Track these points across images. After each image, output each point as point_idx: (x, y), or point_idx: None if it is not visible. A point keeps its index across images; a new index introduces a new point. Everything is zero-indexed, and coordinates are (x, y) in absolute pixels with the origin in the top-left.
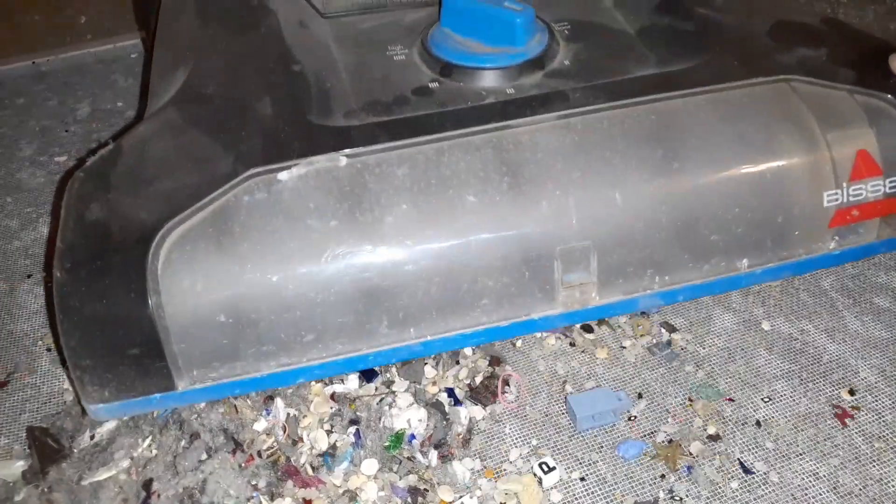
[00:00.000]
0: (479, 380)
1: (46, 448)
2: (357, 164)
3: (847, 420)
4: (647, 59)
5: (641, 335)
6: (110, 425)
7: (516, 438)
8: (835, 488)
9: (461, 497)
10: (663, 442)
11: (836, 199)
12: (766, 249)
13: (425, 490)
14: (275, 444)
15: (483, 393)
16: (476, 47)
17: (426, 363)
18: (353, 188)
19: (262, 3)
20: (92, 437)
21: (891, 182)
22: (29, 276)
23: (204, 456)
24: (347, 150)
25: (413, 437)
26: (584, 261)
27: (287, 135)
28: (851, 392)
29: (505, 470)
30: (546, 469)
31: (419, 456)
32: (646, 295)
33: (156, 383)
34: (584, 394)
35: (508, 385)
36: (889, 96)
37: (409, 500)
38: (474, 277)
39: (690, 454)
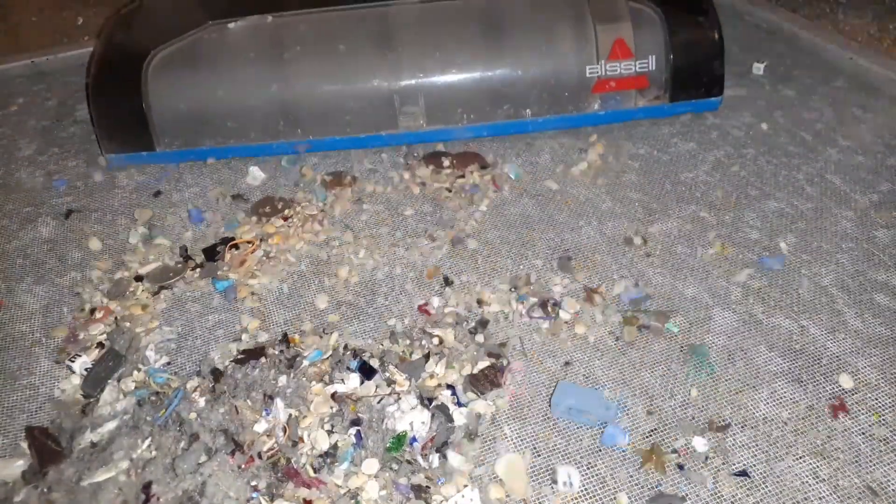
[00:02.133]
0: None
1: (46, 448)
2: (278, 21)
3: (841, 414)
4: None
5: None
6: (111, 425)
7: (516, 440)
8: (835, 488)
9: (461, 491)
10: (646, 446)
11: (596, 72)
12: (544, 104)
13: (427, 487)
14: (275, 445)
15: (482, 381)
16: None
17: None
18: (272, 37)
19: None
20: (93, 444)
21: (640, 63)
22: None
23: (203, 458)
24: (272, 14)
25: (415, 440)
26: (415, 98)
27: (238, 2)
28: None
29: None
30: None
31: (420, 459)
32: (459, 128)
33: (144, 144)
34: (576, 386)
35: (510, 373)
36: (653, 5)
37: (412, 496)
38: (343, 101)
39: (676, 453)
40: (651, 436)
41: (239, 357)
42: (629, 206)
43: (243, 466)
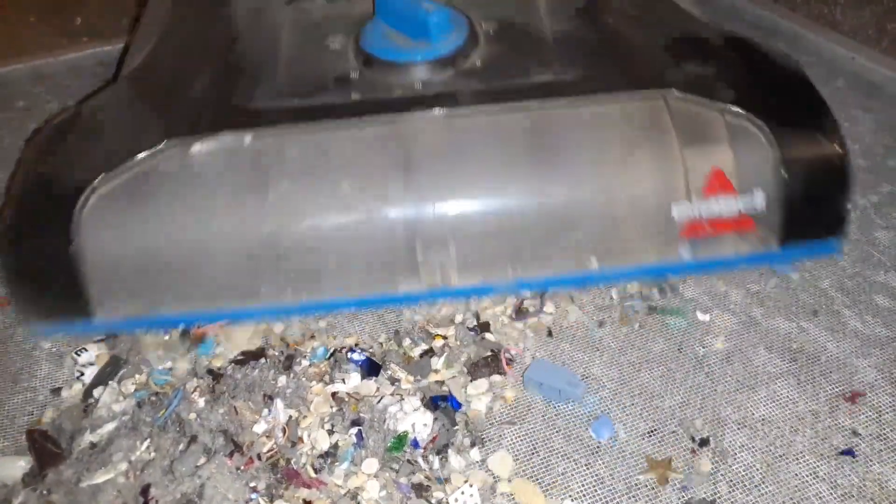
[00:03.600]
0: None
1: (46, 450)
2: (259, 142)
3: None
4: (549, 64)
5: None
6: (110, 426)
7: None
8: (834, 488)
9: (461, 487)
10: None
11: (686, 212)
12: (615, 252)
13: (428, 486)
14: (274, 446)
15: (482, 368)
16: (400, 41)
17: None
18: (251, 163)
19: None
20: (92, 445)
21: (745, 201)
22: None
23: (202, 460)
24: (253, 130)
25: (416, 442)
26: (443, 247)
27: (209, 112)
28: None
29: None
30: None
31: (421, 461)
32: (501, 282)
33: (77, 311)
34: (549, 364)
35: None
36: (758, 120)
37: (413, 495)
38: (343, 253)
39: (675, 470)
40: (650, 436)
41: (238, 358)
42: None
43: (242, 468)
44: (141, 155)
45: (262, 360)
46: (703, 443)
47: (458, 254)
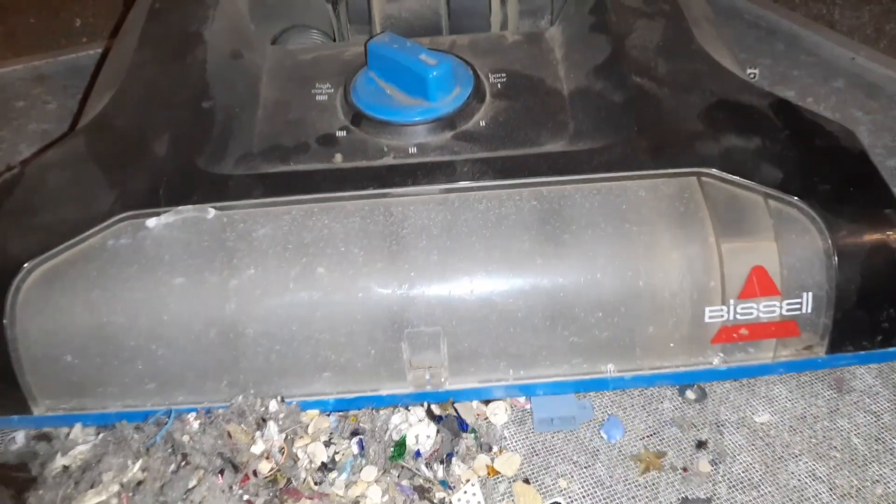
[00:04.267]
0: None
1: (17, 480)
2: (224, 217)
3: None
4: (563, 129)
5: None
6: (82, 448)
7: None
8: (832, 489)
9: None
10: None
11: (721, 316)
12: (635, 357)
13: (430, 487)
14: (275, 465)
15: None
16: (395, 95)
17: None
18: (212, 244)
19: (198, 31)
20: (64, 468)
21: (789, 304)
22: None
23: (193, 482)
24: (217, 204)
25: (419, 453)
26: (433, 345)
27: (170, 179)
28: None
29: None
30: None
31: (424, 469)
32: (500, 385)
33: (13, 406)
34: (547, 399)
35: None
36: (807, 208)
37: (416, 497)
38: (315, 349)
39: (672, 465)
40: (650, 439)
41: None
42: None
43: (238, 485)
44: (89, 230)
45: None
46: (701, 444)
47: (451, 353)
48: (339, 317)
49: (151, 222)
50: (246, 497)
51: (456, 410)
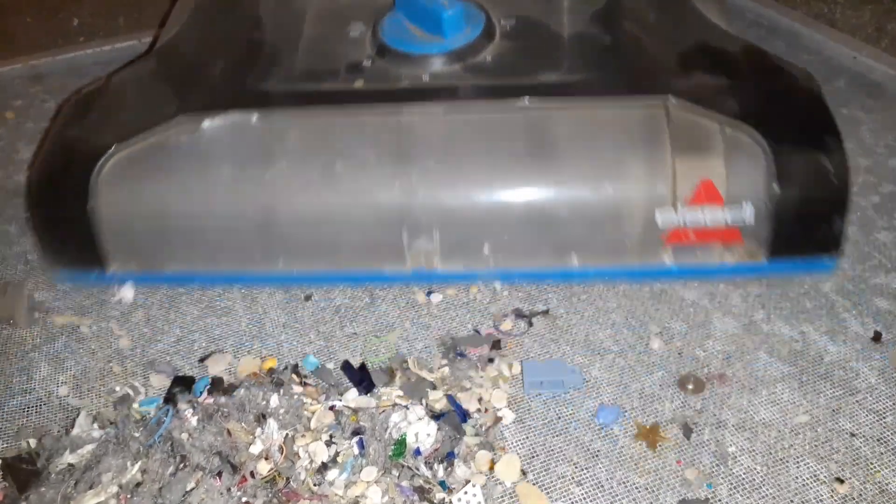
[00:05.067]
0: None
1: (22, 473)
2: (264, 122)
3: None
4: (559, 64)
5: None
6: (90, 447)
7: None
8: (834, 491)
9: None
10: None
11: (671, 220)
12: (597, 252)
13: (430, 488)
14: (273, 466)
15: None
16: (416, 33)
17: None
18: (255, 141)
19: None
20: (70, 466)
21: (732, 214)
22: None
23: (191, 485)
24: (259, 111)
25: (418, 451)
26: (428, 233)
27: (223, 91)
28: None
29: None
30: None
31: (423, 468)
32: (483, 270)
33: (92, 264)
34: (539, 363)
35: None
36: (757, 134)
37: (416, 497)
38: (333, 231)
39: (664, 437)
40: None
41: (224, 387)
42: None
43: (236, 486)
44: (156, 127)
45: (249, 380)
46: (688, 433)
47: (443, 241)
48: (352, 206)
49: (206, 123)
50: (244, 499)
51: (454, 402)
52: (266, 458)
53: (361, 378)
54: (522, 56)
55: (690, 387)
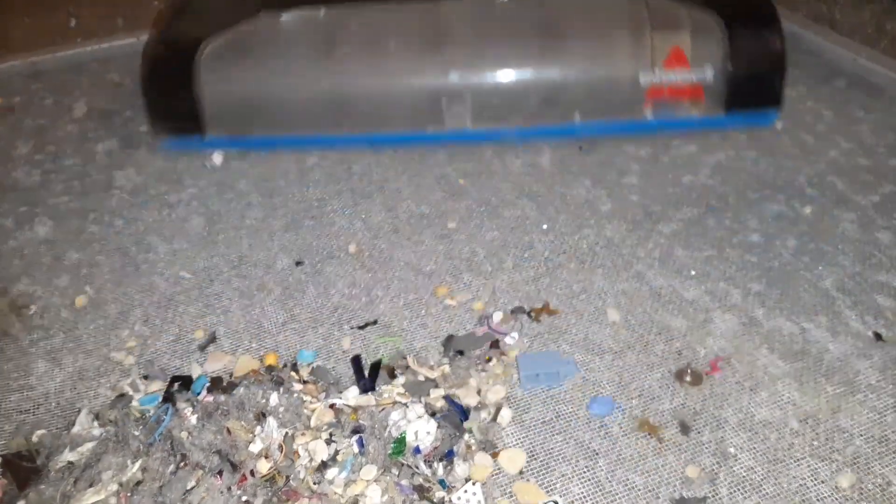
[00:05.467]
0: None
1: (22, 470)
2: (330, 14)
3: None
4: None
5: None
6: (90, 445)
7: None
8: (835, 490)
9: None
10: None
11: (650, 79)
12: (595, 109)
13: (429, 487)
14: (273, 465)
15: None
16: None
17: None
18: (323, 30)
19: None
20: (70, 464)
21: (696, 74)
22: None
23: (191, 483)
24: (325, 6)
25: (418, 449)
26: (462, 99)
27: None
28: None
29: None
30: None
31: (422, 466)
32: (505, 129)
33: (195, 130)
34: (533, 355)
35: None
36: (716, 15)
37: (416, 496)
38: (390, 97)
39: (659, 434)
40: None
41: (223, 386)
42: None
43: (236, 485)
44: (243, 21)
45: (249, 378)
46: (685, 429)
47: (474, 105)
48: (402, 78)
49: (284, 16)
50: (244, 498)
51: (453, 402)
52: (266, 457)
53: (364, 376)
54: None
55: (688, 379)
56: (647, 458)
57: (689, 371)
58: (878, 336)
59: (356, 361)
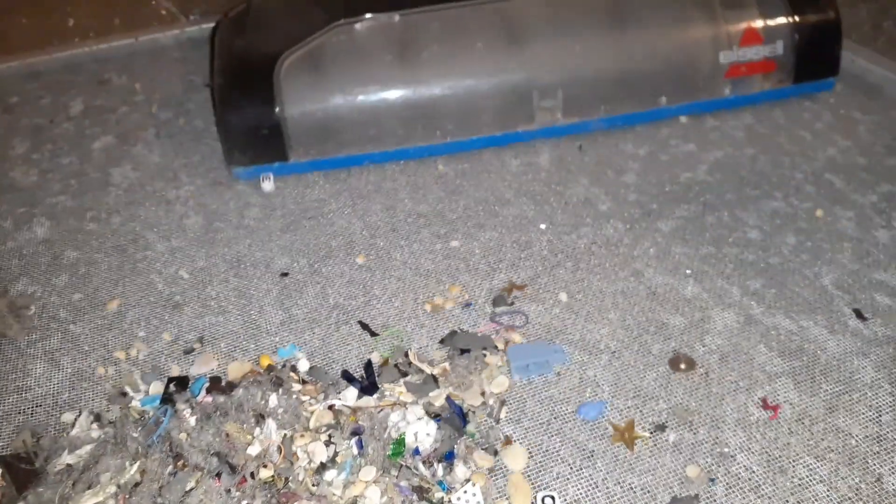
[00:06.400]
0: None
1: (21, 472)
2: (406, 20)
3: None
4: None
5: None
6: (89, 447)
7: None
8: (831, 489)
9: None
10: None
11: (730, 58)
12: (679, 92)
13: (428, 488)
14: (272, 467)
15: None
16: None
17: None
18: (402, 36)
19: None
20: (68, 466)
21: (768, 49)
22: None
23: (190, 485)
24: (399, 12)
25: (417, 451)
26: (553, 93)
27: (360, 2)
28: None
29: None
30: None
31: (421, 467)
32: (594, 119)
33: (277, 155)
34: (523, 346)
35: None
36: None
37: (416, 497)
38: (479, 99)
39: (643, 436)
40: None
41: (222, 385)
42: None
43: (235, 487)
44: (318, 33)
45: (248, 379)
46: (669, 424)
47: (564, 98)
48: (491, 78)
49: (359, 25)
50: (244, 501)
51: (453, 403)
52: (265, 466)
53: (368, 378)
54: None
55: (682, 366)
56: (643, 459)
57: (682, 359)
58: (858, 313)
59: (367, 366)
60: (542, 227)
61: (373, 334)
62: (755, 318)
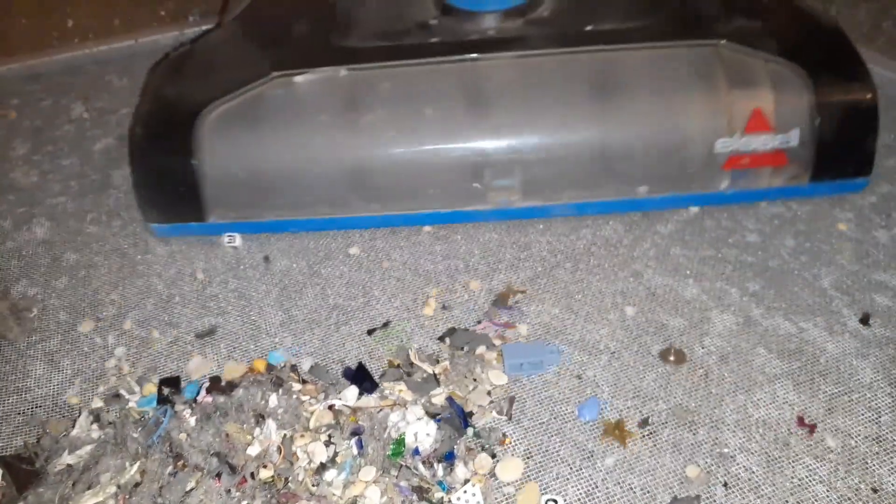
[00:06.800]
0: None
1: (21, 472)
2: (354, 76)
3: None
4: (615, 14)
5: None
6: (89, 448)
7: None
8: (831, 490)
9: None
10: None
11: (729, 147)
12: (664, 181)
13: (428, 488)
14: (272, 468)
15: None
16: None
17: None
18: (347, 94)
19: None
20: (68, 466)
21: (780, 138)
22: None
23: (191, 485)
24: (348, 66)
25: (417, 451)
26: (510, 172)
27: (309, 50)
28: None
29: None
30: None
31: (421, 467)
32: (558, 204)
33: (193, 215)
34: (518, 345)
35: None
36: (799, 67)
37: (415, 497)
38: (424, 172)
39: (633, 434)
40: (648, 438)
41: (221, 385)
42: None
43: (235, 487)
44: (251, 84)
45: (248, 379)
46: (682, 429)
47: (523, 179)
48: (439, 149)
49: (299, 79)
50: (244, 501)
51: (454, 404)
52: (265, 467)
53: (363, 378)
54: (577, 10)
55: (672, 358)
56: (643, 459)
57: (672, 351)
58: (863, 321)
59: (361, 368)
60: (541, 227)
61: (370, 332)
62: (754, 319)
